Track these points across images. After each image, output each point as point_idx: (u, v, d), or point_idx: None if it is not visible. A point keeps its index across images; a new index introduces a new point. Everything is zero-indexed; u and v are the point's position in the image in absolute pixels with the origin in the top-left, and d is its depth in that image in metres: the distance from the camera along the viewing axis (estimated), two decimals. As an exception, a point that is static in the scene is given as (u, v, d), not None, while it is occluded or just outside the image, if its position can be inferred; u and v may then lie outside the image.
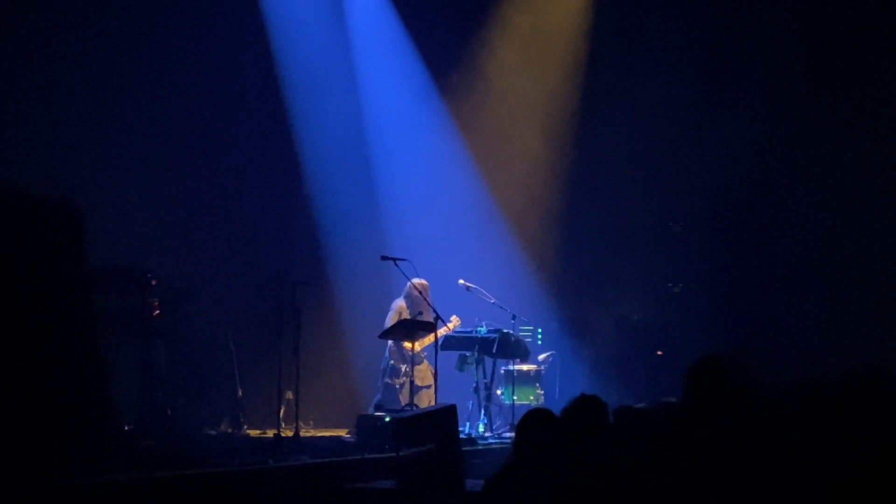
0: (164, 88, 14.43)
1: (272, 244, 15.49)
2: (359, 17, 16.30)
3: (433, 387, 12.94)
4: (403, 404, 12.92)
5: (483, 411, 13.42)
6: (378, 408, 13.18)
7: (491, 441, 12.63)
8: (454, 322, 13.55)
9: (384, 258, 12.70)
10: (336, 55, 16.08)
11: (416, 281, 13.05)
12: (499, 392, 14.08)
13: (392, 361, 13.80)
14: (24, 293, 9.37)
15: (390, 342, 13.73)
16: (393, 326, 13.20)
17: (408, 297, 13.74)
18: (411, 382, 13.02)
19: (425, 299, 13.10)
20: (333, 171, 15.96)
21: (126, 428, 11.71)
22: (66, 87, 13.58)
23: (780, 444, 4.81)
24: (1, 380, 8.98)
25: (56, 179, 12.24)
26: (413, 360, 13.30)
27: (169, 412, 12.57)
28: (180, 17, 14.35)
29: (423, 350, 13.66)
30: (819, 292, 14.39)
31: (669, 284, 15.78)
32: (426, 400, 13.24)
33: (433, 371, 12.78)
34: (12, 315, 9.24)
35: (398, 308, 13.85)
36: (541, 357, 14.71)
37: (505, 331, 13.71)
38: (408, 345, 13.35)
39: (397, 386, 13.61)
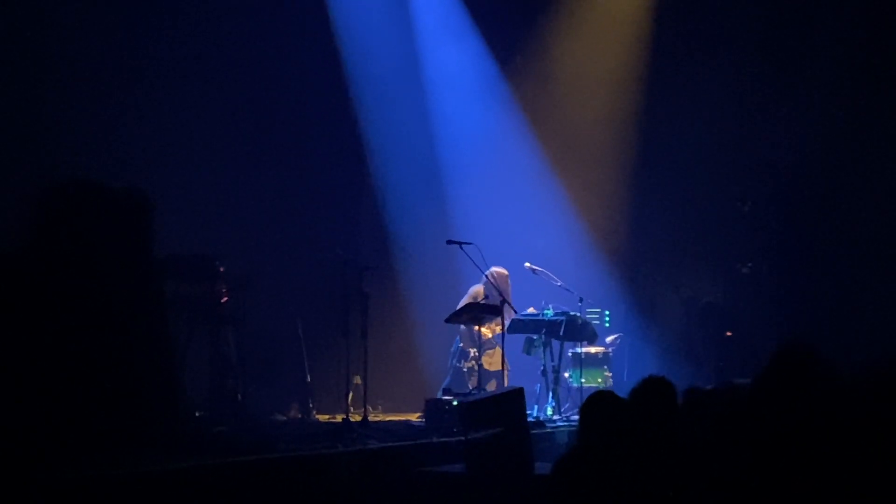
0: (230, 77, 14.53)
1: (339, 229, 15.51)
2: (424, 1, 16.30)
3: (503, 373, 12.91)
4: (471, 388, 12.89)
5: (551, 394, 13.36)
6: (446, 392, 13.17)
7: (559, 424, 12.58)
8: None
9: (450, 242, 12.65)
10: (401, 39, 16.07)
11: (494, 269, 13.05)
12: (566, 375, 14.00)
13: (462, 345, 13.79)
14: (95, 282, 9.50)
15: (462, 326, 13.70)
16: (460, 310, 13.10)
17: (486, 285, 13.57)
18: (480, 367, 12.99)
19: (505, 288, 13.04)
20: (399, 155, 15.97)
21: (197, 414, 11.86)
22: (135, 79, 13.70)
23: (851, 428, 4.76)
24: (74, 368, 9.12)
25: (125, 169, 12.38)
26: (484, 344, 13.25)
27: (239, 398, 12.69)
28: (247, 12, 14.44)
29: (495, 336, 13.57)
30: (890, 273, 14.18)
31: (738, 265, 15.63)
32: (494, 386, 13.17)
33: (504, 358, 12.74)
34: (83, 304, 9.37)
35: (474, 293, 13.78)
36: (608, 339, 14.59)
37: (572, 313, 13.63)
38: (481, 329, 13.28)
39: (465, 370, 13.58)
